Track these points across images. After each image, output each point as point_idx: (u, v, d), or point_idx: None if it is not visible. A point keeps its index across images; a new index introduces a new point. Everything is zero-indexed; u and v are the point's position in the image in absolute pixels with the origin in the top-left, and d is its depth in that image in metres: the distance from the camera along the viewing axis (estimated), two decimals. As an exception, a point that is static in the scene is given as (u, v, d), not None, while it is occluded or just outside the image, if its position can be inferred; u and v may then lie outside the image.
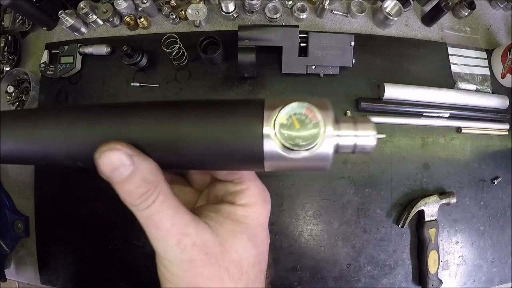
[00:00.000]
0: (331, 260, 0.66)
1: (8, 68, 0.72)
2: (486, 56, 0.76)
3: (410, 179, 0.69)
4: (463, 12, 0.74)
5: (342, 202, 0.67)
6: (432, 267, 0.65)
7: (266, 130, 0.20)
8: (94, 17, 0.70)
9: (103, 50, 0.69)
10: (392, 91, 0.68)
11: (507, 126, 0.73)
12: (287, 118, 0.20)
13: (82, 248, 0.68)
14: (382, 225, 0.68)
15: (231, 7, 0.69)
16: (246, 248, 0.23)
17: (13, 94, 0.71)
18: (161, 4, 0.70)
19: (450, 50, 0.75)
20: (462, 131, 0.71)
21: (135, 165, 0.19)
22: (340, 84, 0.70)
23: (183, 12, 0.69)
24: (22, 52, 0.74)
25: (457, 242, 0.70)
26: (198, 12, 0.68)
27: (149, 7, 0.69)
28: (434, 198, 0.66)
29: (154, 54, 0.70)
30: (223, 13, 0.70)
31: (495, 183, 0.71)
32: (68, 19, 0.68)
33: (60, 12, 0.67)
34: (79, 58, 0.70)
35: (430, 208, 0.66)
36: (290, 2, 0.71)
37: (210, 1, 0.72)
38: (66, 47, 0.70)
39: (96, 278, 0.68)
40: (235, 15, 0.71)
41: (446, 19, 0.76)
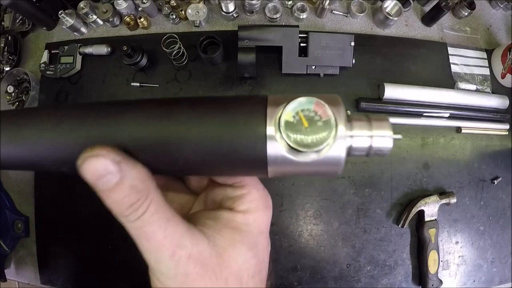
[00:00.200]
0: (331, 260, 0.66)
1: (8, 68, 0.72)
2: (486, 56, 0.76)
3: (410, 179, 0.69)
4: (463, 12, 0.74)
5: (342, 202, 0.67)
6: (432, 267, 0.65)
7: (270, 129, 0.18)
8: (94, 17, 0.70)
9: (103, 50, 0.69)
10: (392, 91, 0.68)
11: (507, 126, 0.73)
12: (294, 115, 0.18)
13: (82, 248, 0.68)
14: (382, 225, 0.68)
15: (231, 7, 0.69)
16: (246, 258, 0.21)
17: (13, 94, 0.71)
18: (161, 4, 0.70)
19: (450, 50, 0.75)
20: (462, 131, 0.71)
21: (123, 172, 0.17)
22: (340, 84, 0.70)
23: (183, 12, 0.69)
24: (22, 52, 0.74)
25: (457, 242, 0.70)
26: (198, 12, 0.68)
27: (149, 7, 0.69)
28: (434, 198, 0.66)
29: (154, 54, 0.70)
30: (223, 13, 0.70)
31: (495, 183, 0.71)
32: (68, 19, 0.68)
33: (60, 12, 0.67)
34: (79, 58, 0.70)
35: (430, 208, 0.66)
36: (290, 2, 0.71)
37: (210, 1, 0.72)
38: (66, 47, 0.70)
39: (96, 278, 0.68)
40: (235, 15, 0.71)
41: (446, 19, 0.76)
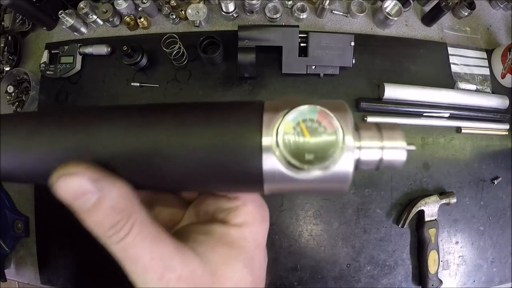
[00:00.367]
0: (331, 260, 0.66)
1: (8, 68, 0.72)
2: (486, 56, 0.76)
3: (410, 179, 0.69)
4: (463, 12, 0.74)
5: (342, 202, 0.67)
6: (432, 267, 0.65)
7: (266, 140, 0.16)
8: (94, 17, 0.70)
9: (103, 50, 0.69)
10: (392, 91, 0.68)
11: (507, 126, 0.73)
12: (294, 126, 0.16)
13: (82, 248, 0.68)
14: (382, 225, 0.68)
15: (231, 7, 0.69)
16: (241, 275, 0.20)
17: (13, 94, 0.71)
18: (161, 4, 0.70)
19: (450, 50, 0.75)
20: (462, 131, 0.71)
21: (102, 191, 0.16)
22: (340, 84, 0.70)
23: (183, 12, 0.69)
24: (22, 52, 0.74)
25: (457, 242, 0.70)
26: (198, 12, 0.68)
27: (149, 7, 0.69)
28: (434, 198, 0.66)
29: (154, 54, 0.70)
30: (223, 13, 0.70)
31: (495, 183, 0.71)
32: (68, 19, 0.68)
33: (60, 12, 0.67)
34: (79, 58, 0.70)
35: (430, 208, 0.66)
36: (290, 2, 0.71)
37: (210, 1, 0.72)
38: (66, 47, 0.70)
39: (96, 278, 0.68)
40: (235, 15, 0.71)
41: (446, 19, 0.76)
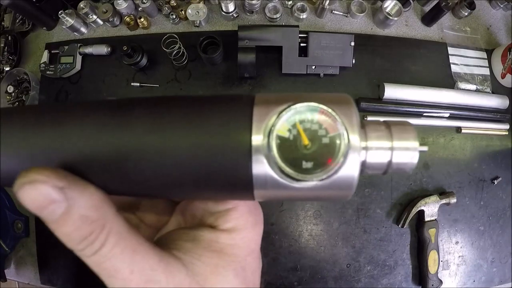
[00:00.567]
0: (331, 260, 0.66)
1: (8, 68, 0.72)
2: (486, 56, 0.76)
3: (410, 179, 0.69)
4: (463, 12, 0.74)
5: (342, 202, 0.67)
6: (432, 267, 0.65)
7: (256, 139, 0.14)
8: (94, 17, 0.70)
9: (103, 50, 0.69)
10: (392, 91, 0.68)
11: (507, 126, 0.73)
12: (290, 128, 0.14)
13: (82, 248, 0.68)
14: (382, 225, 0.68)
15: (231, 7, 0.69)
16: (232, 285, 0.18)
17: (13, 94, 0.71)
18: (161, 4, 0.70)
19: (450, 50, 0.75)
20: (462, 131, 0.71)
21: (70, 200, 0.14)
22: (340, 84, 0.70)
23: (183, 12, 0.69)
24: (22, 52, 0.74)
25: (457, 242, 0.70)
26: (198, 12, 0.68)
27: (149, 7, 0.69)
28: (434, 198, 0.66)
29: (154, 54, 0.70)
30: (223, 13, 0.70)
31: (495, 183, 0.71)
32: (68, 19, 0.68)
33: (60, 12, 0.67)
34: (79, 58, 0.70)
35: (430, 208, 0.66)
36: (290, 2, 0.71)
37: (210, 1, 0.72)
38: (66, 47, 0.70)
39: (96, 278, 0.68)
40: (235, 15, 0.71)
41: (446, 19, 0.76)
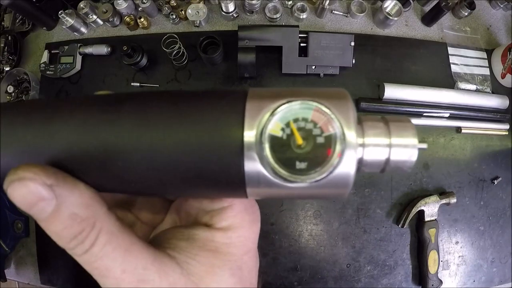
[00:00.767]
0: (331, 260, 0.66)
1: (8, 68, 0.72)
2: (486, 56, 0.76)
3: (410, 179, 0.69)
4: (463, 12, 0.74)
5: (342, 202, 0.67)
6: (432, 267, 0.65)
7: (249, 135, 0.13)
8: (94, 17, 0.70)
9: (103, 50, 0.69)
10: (392, 91, 0.68)
11: (507, 126, 0.73)
12: (283, 127, 0.14)
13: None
14: (382, 225, 0.68)
15: (231, 7, 0.69)
16: (228, 285, 0.18)
17: (13, 94, 0.71)
18: (161, 4, 0.70)
19: (450, 50, 0.75)
20: (462, 131, 0.71)
21: (59, 198, 0.14)
22: (340, 84, 0.70)
23: (183, 12, 0.69)
24: (22, 52, 0.74)
25: (457, 242, 0.70)
26: (198, 12, 0.68)
27: (149, 7, 0.69)
28: (434, 198, 0.66)
29: (154, 54, 0.70)
30: (223, 13, 0.70)
31: (495, 183, 0.71)
32: (68, 19, 0.68)
33: (60, 12, 0.67)
34: (79, 58, 0.70)
35: (430, 208, 0.66)
36: (290, 2, 0.71)
37: (210, 1, 0.72)
38: (66, 47, 0.70)
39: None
40: (235, 15, 0.71)
41: (446, 19, 0.76)
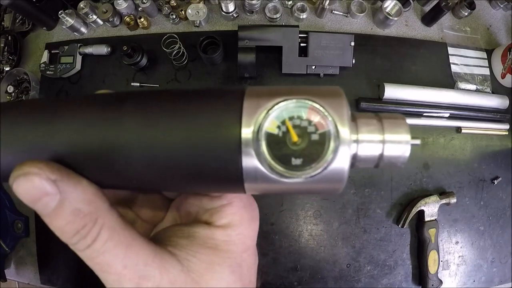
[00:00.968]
0: (331, 260, 0.66)
1: (8, 68, 0.72)
2: (486, 56, 0.76)
3: (410, 179, 0.69)
4: (463, 12, 0.74)
5: (342, 202, 0.67)
6: (432, 267, 0.65)
7: (246, 132, 0.14)
8: (94, 17, 0.70)
9: (103, 50, 0.69)
10: (392, 91, 0.68)
11: (507, 126, 0.73)
12: (279, 125, 0.14)
13: (82, 248, 0.68)
14: (382, 225, 0.68)
15: (231, 7, 0.69)
16: (228, 282, 0.18)
17: (13, 94, 0.71)
18: (161, 4, 0.70)
19: (450, 50, 0.75)
20: (462, 131, 0.71)
21: (62, 193, 0.14)
22: (340, 84, 0.69)
23: (183, 12, 0.69)
24: (22, 52, 0.74)
25: (457, 242, 0.70)
26: (198, 12, 0.68)
27: (149, 7, 0.69)
28: (434, 198, 0.66)
29: (154, 54, 0.70)
30: (223, 13, 0.70)
31: (495, 183, 0.71)
32: (68, 19, 0.68)
33: (60, 12, 0.67)
34: (79, 58, 0.70)
35: (430, 208, 0.66)
36: (290, 2, 0.71)
37: (210, 1, 0.72)
38: (66, 47, 0.70)
39: (96, 278, 0.68)
40: (235, 15, 0.71)
41: (446, 19, 0.76)
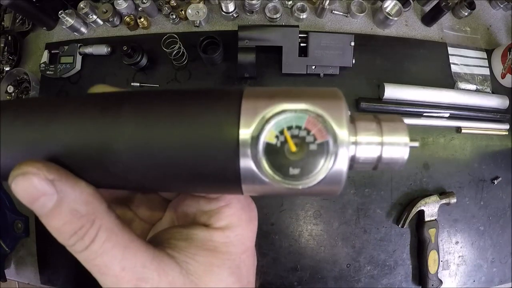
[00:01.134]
0: (331, 260, 0.66)
1: (8, 68, 0.72)
2: (486, 56, 0.76)
3: (410, 179, 0.69)
4: (463, 12, 0.74)
5: (342, 202, 0.67)
6: (432, 267, 0.65)
7: (244, 133, 0.14)
8: (94, 17, 0.70)
9: (103, 50, 0.69)
10: (392, 91, 0.68)
11: (507, 126, 0.73)
12: (277, 135, 0.14)
13: (82, 248, 0.68)
14: (382, 225, 0.68)
15: (231, 7, 0.69)
16: (227, 284, 0.18)
17: (13, 94, 0.71)
18: (161, 4, 0.70)
19: (450, 50, 0.75)
20: (462, 131, 0.71)
21: (60, 194, 0.14)
22: (340, 84, 0.70)
23: (183, 12, 0.69)
24: (22, 52, 0.74)
25: (457, 242, 0.70)
26: (198, 12, 0.68)
27: (149, 7, 0.69)
28: (434, 198, 0.66)
29: (154, 54, 0.70)
30: (223, 13, 0.70)
31: (495, 183, 0.71)
32: (68, 19, 0.68)
33: (60, 12, 0.67)
34: (79, 58, 0.70)
35: (430, 208, 0.66)
36: (290, 2, 0.71)
37: (210, 1, 0.72)
38: (66, 47, 0.70)
39: (96, 279, 0.68)
40: (235, 15, 0.71)
41: (446, 19, 0.76)
